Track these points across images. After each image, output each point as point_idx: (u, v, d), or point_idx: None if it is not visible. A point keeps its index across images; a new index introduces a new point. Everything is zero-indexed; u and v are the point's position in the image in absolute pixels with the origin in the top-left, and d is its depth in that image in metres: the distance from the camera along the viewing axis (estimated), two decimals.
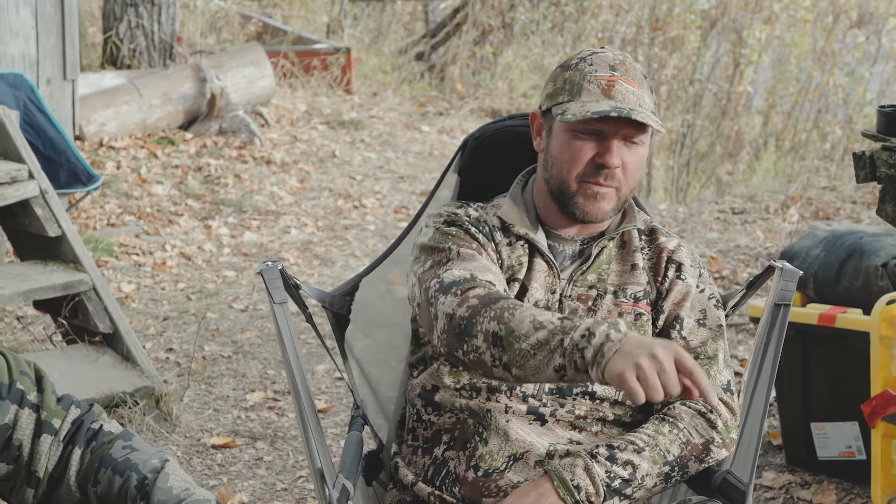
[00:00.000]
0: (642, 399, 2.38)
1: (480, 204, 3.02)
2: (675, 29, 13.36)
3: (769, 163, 12.51)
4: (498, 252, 2.91)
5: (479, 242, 2.88)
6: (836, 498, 4.74)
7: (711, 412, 2.83)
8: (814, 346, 4.79)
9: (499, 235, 2.93)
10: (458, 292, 2.66)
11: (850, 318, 4.65)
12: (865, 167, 3.77)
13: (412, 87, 13.13)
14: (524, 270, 2.90)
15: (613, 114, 2.75)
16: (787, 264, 3.01)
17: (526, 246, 2.92)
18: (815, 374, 4.81)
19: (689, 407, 2.85)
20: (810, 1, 13.81)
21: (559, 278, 2.89)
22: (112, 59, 10.97)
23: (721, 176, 12.45)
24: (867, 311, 4.59)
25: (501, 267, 2.89)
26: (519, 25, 13.96)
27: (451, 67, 13.82)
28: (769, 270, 3.04)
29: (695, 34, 13.36)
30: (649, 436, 2.79)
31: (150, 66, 10.87)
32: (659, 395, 2.38)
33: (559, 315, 2.54)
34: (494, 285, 2.72)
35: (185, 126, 10.09)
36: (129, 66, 10.82)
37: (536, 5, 14.06)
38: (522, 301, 2.85)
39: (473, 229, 2.89)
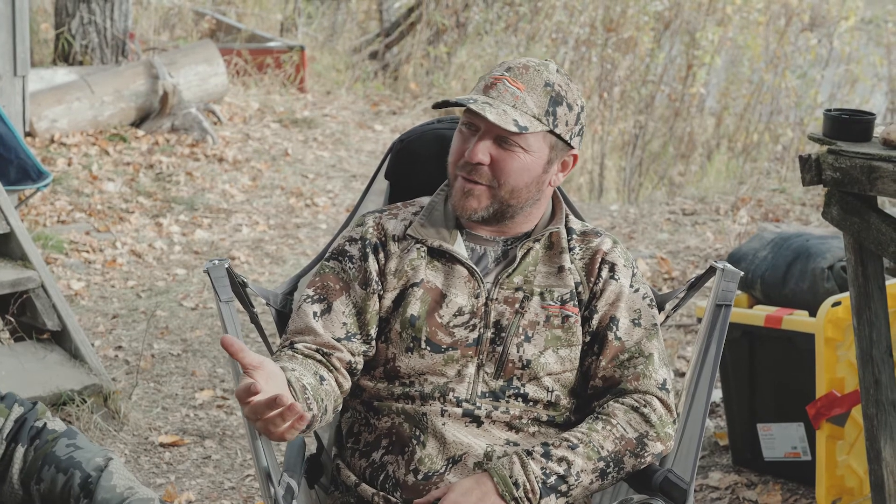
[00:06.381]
0: None
1: (398, 207, 3.06)
2: (628, 30, 13.39)
3: (721, 164, 12.56)
4: (384, 264, 2.94)
5: (342, 282, 2.93)
6: (782, 498, 4.78)
7: (645, 406, 2.86)
8: (760, 348, 4.82)
9: (394, 246, 2.95)
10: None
11: (797, 319, 4.69)
12: (811, 170, 3.79)
13: (366, 85, 13.12)
14: (421, 274, 2.91)
15: (452, 100, 2.83)
16: (728, 265, 3.03)
17: (423, 249, 2.94)
18: (762, 375, 4.85)
19: (622, 403, 2.87)
20: (763, 3, 13.88)
21: (482, 282, 2.90)
22: (64, 56, 10.91)
23: (673, 177, 12.49)
24: (813, 314, 4.62)
25: (390, 275, 2.92)
26: (473, 25, 13.97)
27: (405, 66, 13.81)
28: (710, 271, 3.06)
29: (648, 35, 13.40)
30: (583, 433, 2.82)
31: (102, 62, 10.81)
32: None
33: None
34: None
35: (137, 123, 10.05)
36: (81, 63, 10.77)
37: (490, 5, 14.07)
38: (443, 305, 2.88)
39: (349, 264, 2.95)
